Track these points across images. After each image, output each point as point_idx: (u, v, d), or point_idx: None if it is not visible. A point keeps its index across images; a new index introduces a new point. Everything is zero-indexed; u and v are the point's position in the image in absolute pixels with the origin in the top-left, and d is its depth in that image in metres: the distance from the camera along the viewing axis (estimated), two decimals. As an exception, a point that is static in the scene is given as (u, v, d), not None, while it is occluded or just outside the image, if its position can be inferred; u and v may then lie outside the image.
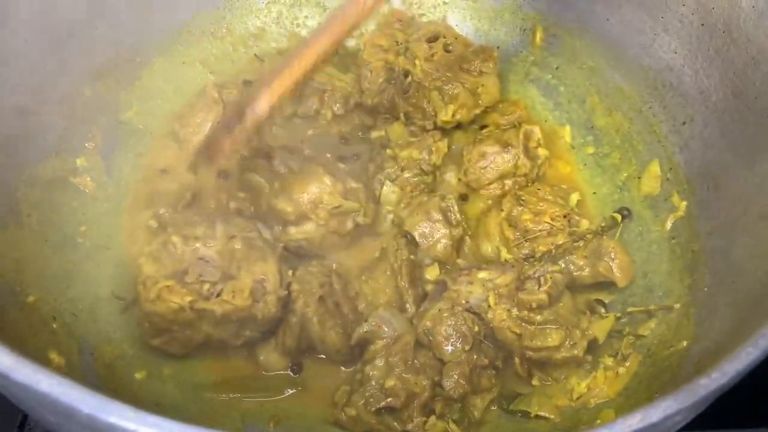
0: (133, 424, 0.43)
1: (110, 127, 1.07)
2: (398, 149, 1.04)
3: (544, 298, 0.84)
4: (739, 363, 0.49)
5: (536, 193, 1.01)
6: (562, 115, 1.17)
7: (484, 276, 0.88)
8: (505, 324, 0.84)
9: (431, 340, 0.85)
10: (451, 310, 0.86)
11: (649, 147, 1.06)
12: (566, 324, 0.84)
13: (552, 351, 0.84)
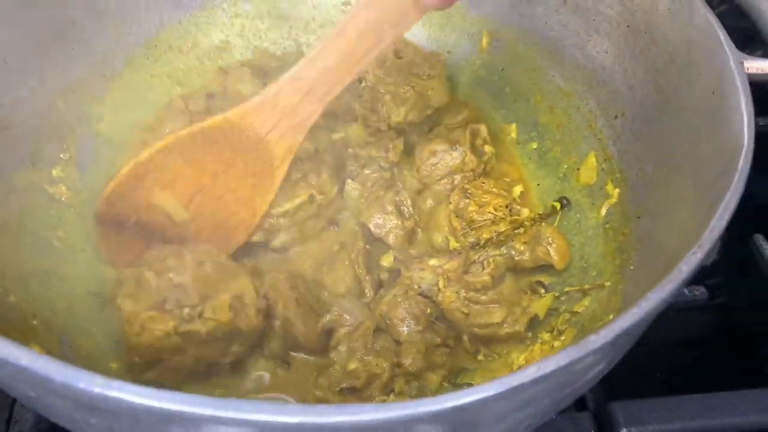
0: (101, 389, 0.50)
1: (84, 138, 1.13)
2: (358, 148, 1.12)
3: (488, 280, 0.93)
4: (623, 322, 0.57)
5: (481, 186, 1.09)
6: (509, 114, 1.25)
7: (434, 263, 0.96)
8: (454, 305, 0.92)
9: (388, 323, 0.93)
10: (405, 294, 0.94)
11: (587, 140, 1.14)
12: (508, 303, 0.93)
13: (496, 327, 0.92)
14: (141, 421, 0.53)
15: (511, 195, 1.09)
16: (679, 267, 0.63)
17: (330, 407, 0.50)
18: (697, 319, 1.23)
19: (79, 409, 0.56)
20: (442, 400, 0.51)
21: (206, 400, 0.50)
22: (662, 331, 1.19)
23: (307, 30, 1.34)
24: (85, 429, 0.61)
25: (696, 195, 0.83)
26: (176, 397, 0.50)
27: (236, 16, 1.31)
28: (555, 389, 0.59)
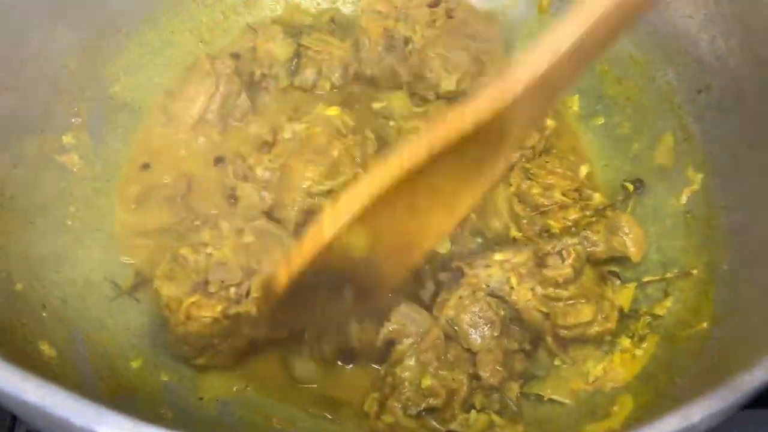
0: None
1: (97, 102, 1.01)
2: (402, 121, 0.99)
3: (570, 272, 0.81)
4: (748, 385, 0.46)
5: (544, 165, 0.96)
6: (571, 84, 1.12)
7: (501, 257, 0.84)
8: (530, 304, 0.81)
9: (457, 330, 0.81)
10: (472, 296, 0.82)
11: (662, 117, 1.01)
12: (593, 296, 0.81)
13: (585, 327, 0.81)
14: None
15: (578, 176, 0.97)
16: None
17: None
18: None
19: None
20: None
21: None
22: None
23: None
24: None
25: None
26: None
27: (266, -37, 1.17)
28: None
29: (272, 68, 1.06)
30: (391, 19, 1.05)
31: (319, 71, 1.07)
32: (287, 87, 1.06)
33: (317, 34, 1.10)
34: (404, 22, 1.04)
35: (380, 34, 1.04)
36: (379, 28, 1.04)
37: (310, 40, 1.09)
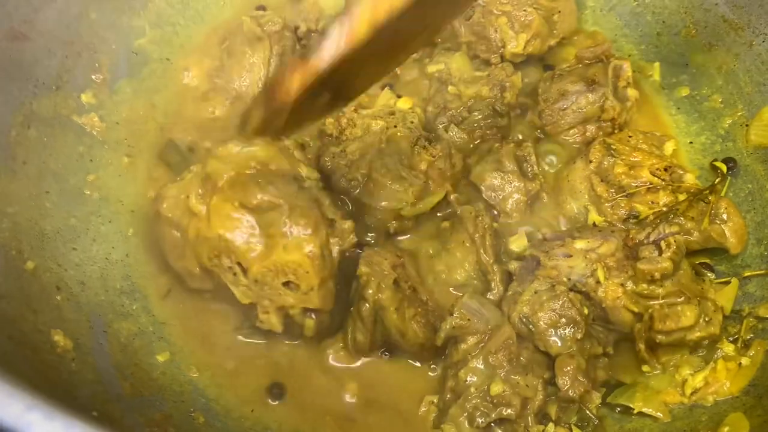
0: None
1: (120, 56, 0.92)
2: (462, 86, 0.89)
3: (669, 267, 0.70)
4: None
5: (628, 141, 0.85)
6: (650, 50, 1.00)
7: (583, 246, 0.73)
8: (620, 302, 0.70)
9: (532, 329, 0.71)
10: (551, 291, 0.71)
11: (761, 89, 0.89)
12: (692, 295, 0.70)
13: (686, 331, 0.70)
14: None
15: (665, 154, 0.85)
16: None
17: None
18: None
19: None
20: None
21: None
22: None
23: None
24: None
25: None
26: None
27: None
28: None
29: (319, 22, 0.94)
30: None
31: None
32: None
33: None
34: None
35: None
36: None
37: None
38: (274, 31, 0.91)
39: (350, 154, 0.80)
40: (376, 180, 0.78)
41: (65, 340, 0.65)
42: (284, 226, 0.68)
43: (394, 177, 0.78)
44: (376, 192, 0.78)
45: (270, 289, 0.69)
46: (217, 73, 0.92)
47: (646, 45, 1.00)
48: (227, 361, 0.74)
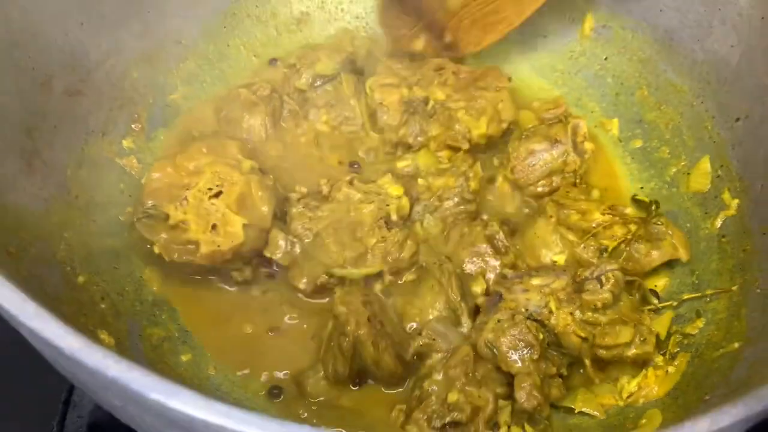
0: (202, 413, 0.43)
1: (156, 108, 1.07)
2: (431, 178, 1.01)
3: (609, 297, 0.83)
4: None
5: (567, 195, 0.99)
6: (609, 108, 1.15)
7: (539, 282, 0.86)
8: (570, 328, 0.83)
9: (495, 352, 0.83)
10: (511, 320, 0.84)
11: (700, 142, 1.03)
12: (631, 321, 0.84)
13: (623, 348, 0.83)
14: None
15: (593, 198, 1.01)
16: None
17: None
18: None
19: (169, 427, 0.49)
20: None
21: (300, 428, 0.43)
22: None
23: (393, 5, 1.24)
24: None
25: None
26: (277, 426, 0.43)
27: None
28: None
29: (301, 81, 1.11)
30: (404, 87, 1.08)
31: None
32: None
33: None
34: (417, 86, 1.07)
35: (397, 101, 1.06)
36: (394, 97, 1.07)
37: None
38: (265, 95, 1.06)
39: (319, 211, 0.93)
40: (321, 237, 0.91)
41: (109, 338, 0.79)
42: None
43: (336, 240, 0.90)
44: (318, 246, 0.91)
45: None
46: (227, 125, 1.07)
47: (607, 103, 1.15)
48: (238, 364, 0.88)
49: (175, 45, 1.11)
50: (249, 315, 0.91)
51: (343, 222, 0.93)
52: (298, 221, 0.93)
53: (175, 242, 0.87)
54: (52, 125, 0.90)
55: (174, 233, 0.87)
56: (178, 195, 0.89)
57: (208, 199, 0.88)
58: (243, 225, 0.87)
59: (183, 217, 0.87)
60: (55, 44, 0.91)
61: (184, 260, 0.87)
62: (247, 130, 1.07)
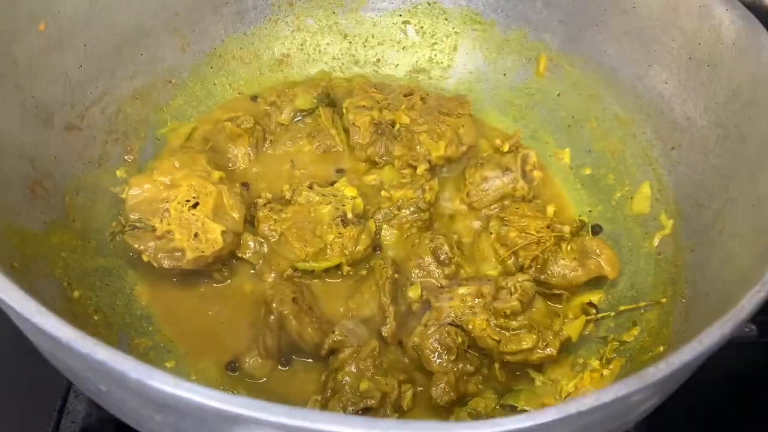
0: (173, 389, 0.53)
1: (147, 142, 1.18)
2: (393, 191, 1.13)
3: (517, 306, 0.93)
4: (683, 356, 0.58)
5: (516, 212, 1.11)
6: (563, 138, 1.26)
7: (464, 291, 0.97)
8: (485, 333, 0.93)
9: (420, 354, 0.94)
10: (435, 325, 0.95)
11: (642, 169, 1.14)
12: (539, 327, 0.94)
13: (527, 353, 0.93)
14: (207, 421, 0.55)
15: (547, 216, 1.11)
16: (741, 304, 0.63)
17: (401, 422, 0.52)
18: (747, 356, 1.21)
19: (148, 406, 0.59)
20: (502, 423, 0.52)
21: (274, 407, 0.52)
22: (709, 366, 1.19)
23: (366, 46, 1.36)
24: (148, 425, 0.64)
25: (753, 232, 0.83)
26: (246, 402, 0.52)
27: (298, 30, 1.34)
28: (610, 419, 0.60)
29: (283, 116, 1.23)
30: (375, 110, 1.20)
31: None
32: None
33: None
34: (387, 109, 1.20)
35: (368, 122, 1.18)
36: (365, 118, 1.19)
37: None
38: (248, 127, 1.17)
39: (283, 213, 1.05)
40: (285, 236, 1.02)
41: (101, 346, 0.89)
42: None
43: (298, 237, 1.02)
44: (283, 244, 1.03)
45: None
46: (204, 143, 1.18)
47: (560, 135, 1.25)
48: (215, 370, 0.97)
49: (165, 84, 1.22)
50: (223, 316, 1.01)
51: (304, 222, 1.04)
52: (265, 223, 1.04)
53: (162, 250, 0.97)
54: (53, 156, 1.00)
55: (161, 243, 0.97)
56: (160, 208, 0.99)
57: (188, 210, 0.99)
58: (221, 232, 0.97)
59: (168, 228, 0.97)
60: (56, 84, 1.02)
61: (173, 266, 0.97)
62: (232, 160, 1.17)
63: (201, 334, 0.99)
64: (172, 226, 0.98)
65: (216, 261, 1.00)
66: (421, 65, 1.37)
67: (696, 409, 1.08)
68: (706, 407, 1.12)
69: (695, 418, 1.10)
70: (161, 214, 0.99)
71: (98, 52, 1.09)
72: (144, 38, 1.17)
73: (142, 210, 1.00)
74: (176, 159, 1.05)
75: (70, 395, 1.03)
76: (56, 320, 0.57)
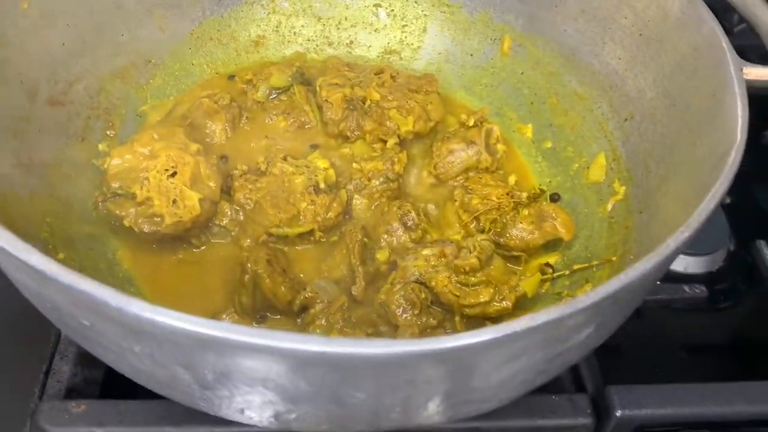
0: (150, 314, 0.58)
1: (128, 118, 1.23)
2: (363, 163, 1.19)
3: (475, 262, 1.00)
4: (609, 286, 0.64)
5: (479, 181, 1.17)
6: (526, 115, 1.32)
7: (428, 252, 1.03)
8: (446, 288, 1.00)
9: (386, 311, 1.00)
10: (401, 283, 1.01)
11: (598, 141, 1.21)
12: (496, 283, 1.00)
13: (484, 306, 0.99)
14: (180, 345, 0.61)
15: (508, 184, 1.18)
16: (666, 243, 0.70)
17: (348, 340, 0.57)
18: (702, 322, 1.28)
19: (128, 336, 0.64)
20: (442, 341, 0.58)
21: (239, 328, 0.57)
22: (666, 329, 1.26)
23: (339, 29, 1.42)
24: (128, 359, 0.69)
25: (690, 191, 0.89)
26: (213, 324, 0.58)
27: (273, 12, 1.40)
28: (546, 343, 0.66)
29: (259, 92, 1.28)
30: (347, 87, 1.25)
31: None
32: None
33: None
34: (358, 87, 1.25)
35: (340, 99, 1.24)
36: (338, 94, 1.24)
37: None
38: (225, 104, 1.23)
39: (258, 183, 1.10)
40: (260, 204, 1.08)
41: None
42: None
43: (272, 205, 1.08)
44: (258, 212, 1.09)
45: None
46: (182, 119, 1.22)
47: (523, 111, 1.32)
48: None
49: (145, 64, 1.27)
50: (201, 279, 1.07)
51: (278, 191, 1.10)
52: (241, 192, 1.10)
53: (142, 216, 1.02)
54: (37, 129, 1.05)
55: (141, 209, 1.02)
56: (140, 177, 1.04)
57: (167, 178, 1.04)
58: (198, 199, 1.03)
59: (148, 195, 1.02)
60: (40, 61, 1.07)
61: (153, 231, 1.02)
62: (210, 135, 1.23)
63: (180, 295, 1.04)
64: (151, 193, 1.03)
65: (194, 227, 1.06)
66: (393, 47, 1.43)
67: (658, 378, 1.13)
68: (663, 366, 1.18)
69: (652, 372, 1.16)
70: (141, 182, 1.04)
71: (80, 32, 1.14)
72: (125, 19, 1.23)
73: (123, 179, 1.05)
74: (155, 132, 1.10)
75: (55, 358, 1.08)
76: (41, 256, 0.62)
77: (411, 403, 0.69)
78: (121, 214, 1.03)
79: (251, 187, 1.10)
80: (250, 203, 1.09)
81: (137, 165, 1.06)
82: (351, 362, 0.58)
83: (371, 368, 0.60)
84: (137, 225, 1.02)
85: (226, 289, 1.05)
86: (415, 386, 0.65)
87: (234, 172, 1.14)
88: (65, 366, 1.07)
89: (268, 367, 0.61)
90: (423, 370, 0.61)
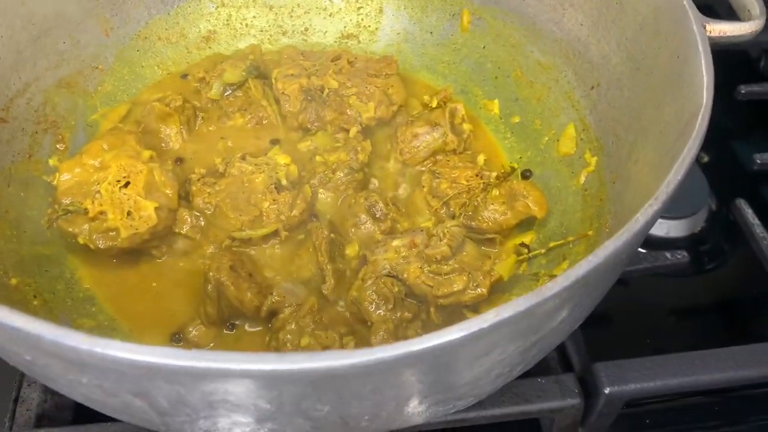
0: (87, 345, 0.54)
1: (78, 129, 1.18)
2: (326, 155, 1.14)
3: (446, 250, 0.96)
4: (579, 269, 0.61)
5: (447, 164, 1.13)
6: (491, 90, 1.28)
7: (398, 243, 0.99)
8: (419, 280, 0.96)
9: (359, 308, 0.96)
10: (372, 278, 0.97)
11: (566, 112, 1.17)
12: (470, 269, 0.96)
13: (459, 295, 0.95)
14: (126, 375, 0.57)
15: (477, 165, 1.13)
16: (636, 218, 0.66)
17: (314, 354, 0.53)
18: (687, 286, 1.26)
19: (71, 369, 0.60)
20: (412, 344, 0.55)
21: (182, 353, 0.54)
22: (652, 298, 1.24)
23: (292, 16, 1.37)
24: (79, 390, 0.65)
25: (659, 156, 0.86)
26: (157, 351, 0.54)
27: (222, 5, 1.34)
28: (518, 335, 0.63)
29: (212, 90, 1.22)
30: (303, 77, 1.20)
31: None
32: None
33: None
34: (315, 76, 1.20)
35: (298, 90, 1.19)
36: (294, 86, 1.19)
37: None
38: (178, 105, 1.17)
39: (217, 186, 1.05)
40: (220, 207, 1.04)
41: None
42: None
43: (233, 207, 1.03)
44: (219, 216, 1.04)
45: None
46: (135, 125, 1.18)
47: (488, 87, 1.28)
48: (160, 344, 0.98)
49: (92, 71, 1.22)
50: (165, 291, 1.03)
51: (238, 192, 1.05)
52: (199, 197, 1.05)
53: (96, 231, 0.98)
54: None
55: (95, 224, 0.98)
56: (91, 190, 1.00)
57: (119, 189, 0.99)
58: (154, 208, 0.99)
59: (100, 209, 0.98)
60: (-25, 78, 1.02)
61: (109, 246, 0.98)
62: (165, 140, 1.18)
63: (144, 310, 1.00)
64: (104, 206, 0.99)
65: (152, 238, 1.01)
66: (350, 30, 1.38)
67: (647, 349, 1.11)
68: (649, 335, 1.16)
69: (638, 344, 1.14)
70: (93, 195, 1.00)
71: (16, 44, 1.09)
72: (65, 25, 1.17)
73: (74, 194, 1.01)
74: (104, 141, 1.06)
75: (23, 384, 1.04)
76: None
77: (382, 410, 0.66)
78: (74, 231, 0.99)
79: (210, 191, 1.06)
80: (210, 208, 1.05)
81: (87, 178, 1.02)
82: (305, 377, 0.55)
83: (329, 380, 0.56)
84: (92, 241, 0.98)
85: (192, 299, 1.01)
86: (382, 393, 0.61)
87: (191, 177, 1.09)
88: (34, 393, 1.03)
89: (222, 389, 0.57)
90: (386, 379, 0.58)
